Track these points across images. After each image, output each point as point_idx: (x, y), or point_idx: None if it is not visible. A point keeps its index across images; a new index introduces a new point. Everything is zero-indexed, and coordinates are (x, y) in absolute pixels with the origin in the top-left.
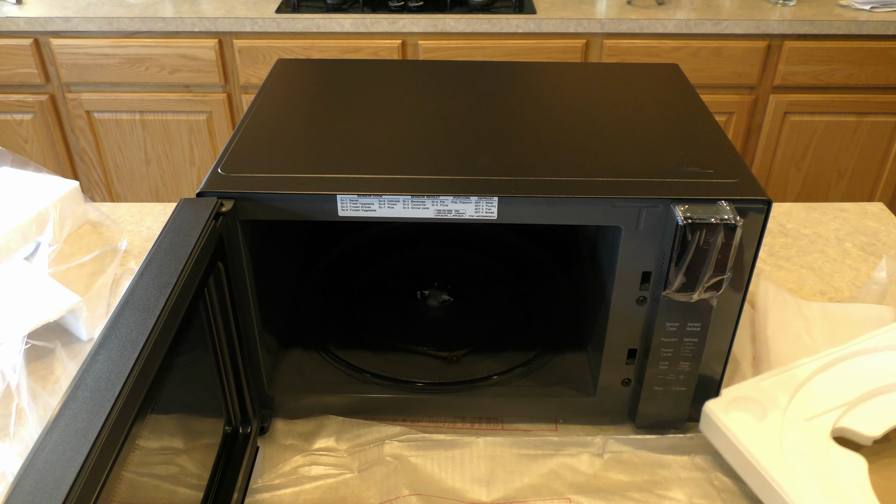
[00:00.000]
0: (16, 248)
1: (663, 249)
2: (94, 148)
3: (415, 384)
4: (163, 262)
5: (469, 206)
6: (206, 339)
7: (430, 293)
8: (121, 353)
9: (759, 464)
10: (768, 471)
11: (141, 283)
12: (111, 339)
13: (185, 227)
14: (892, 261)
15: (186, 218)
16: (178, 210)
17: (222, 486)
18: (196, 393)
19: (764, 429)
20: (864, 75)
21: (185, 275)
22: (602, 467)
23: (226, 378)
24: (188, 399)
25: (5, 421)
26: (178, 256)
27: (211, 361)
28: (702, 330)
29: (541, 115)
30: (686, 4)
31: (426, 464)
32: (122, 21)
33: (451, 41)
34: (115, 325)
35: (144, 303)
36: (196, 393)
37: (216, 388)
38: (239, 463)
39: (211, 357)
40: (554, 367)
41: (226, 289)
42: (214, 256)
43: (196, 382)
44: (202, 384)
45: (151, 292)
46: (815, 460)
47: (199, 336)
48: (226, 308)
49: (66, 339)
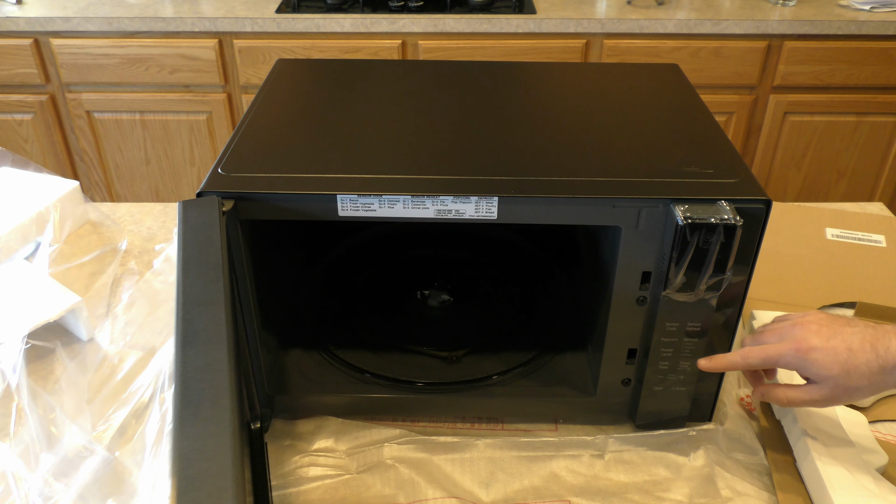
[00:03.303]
0: (16, 248)
1: (663, 249)
2: (94, 148)
3: (415, 384)
4: (200, 261)
5: (469, 205)
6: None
7: (431, 293)
8: (209, 346)
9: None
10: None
11: (189, 282)
12: (191, 335)
13: (201, 225)
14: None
15: (196, 217)
16: (185, 211)
17: (256, 484)
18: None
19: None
20: (864, 75)
21: (226, 268)
22: (602, 468)
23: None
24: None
25: (5, 421)
26: (212, 252)
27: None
28: (702, 330)
29: (541, 115)
30: (686, 4)
31: (425, 466)
32: (122, 21)
33: (451, 41)
34: (185, 322)
35: (204, 298)
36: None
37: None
38: (262, 460)
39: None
40: (554, 366)
41: (234, 287)
42: (229, 254)
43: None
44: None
45: (207, 288)
46: (826, 415)
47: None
48: (235, 306)
49: (67, 339)
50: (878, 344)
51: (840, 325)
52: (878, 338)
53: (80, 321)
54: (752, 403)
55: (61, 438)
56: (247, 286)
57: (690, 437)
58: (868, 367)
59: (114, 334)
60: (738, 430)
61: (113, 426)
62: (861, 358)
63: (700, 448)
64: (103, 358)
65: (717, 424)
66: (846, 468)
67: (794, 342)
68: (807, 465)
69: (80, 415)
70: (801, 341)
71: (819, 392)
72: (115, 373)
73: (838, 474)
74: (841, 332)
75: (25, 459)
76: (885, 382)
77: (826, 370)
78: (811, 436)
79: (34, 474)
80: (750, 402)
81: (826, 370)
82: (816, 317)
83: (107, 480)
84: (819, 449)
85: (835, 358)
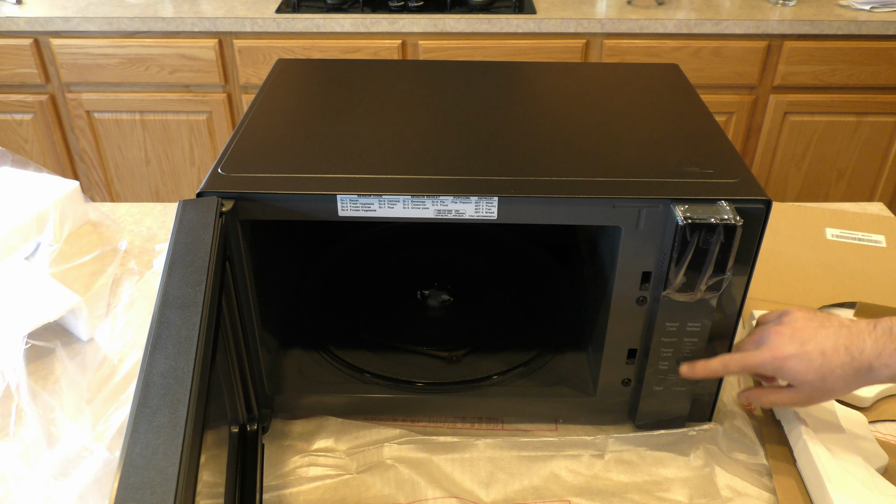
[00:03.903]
0: (16, 247)
1: (663, 249)
2: (94, 148)
3: (415, 384)
4: (186, 262)
5: (469, 206)
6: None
7: (431, 293)
8: (178, 350)
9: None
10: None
11: (171, 284)
12: (162, 338)
13: (194, 226)
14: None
15: (192, 218)
16: (182, 211)
17: (244, 488)
18: (215, 393)
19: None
20: (864, 75)
21: (211, 272)
22: (602, 468)
23: (234, 376)
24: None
25: (5, 420)
26: (200, 255)
27: (223, 360)
28: (701, 330)
29: (541, 115)
30: (686, 4)
31: (425, 466)
32: (122, 21)
33: (451, 41)
34: (160, 324)
35: (183, 301)
36: (215, 393)
37: (223, 389)
38: (254, 462)
39: (223, 356)
40: (554, 366)
41: (231, 288)
42: (223, 256)
43: (215, 383)
44: (216, 384)
45: (186, 291)
46: (826, 416)
47: (221, 334)
48: (232, 307)
49: (67, 339)
50: (853, 346)
51: (815, 328)
52: (852, 340)
53: (80, 321)
54: (752, 403)
55: (61, 438)
56: (246, 286)
57: (690, 437)
58: (843, 369)
59: (114, 334)
60: (738, 430)
61: (113, 426)
62: (835, 362)
63: (700, 448)
64: (103, 358)
65: (717, 424)
66: (846, 468)
67: (770, 350)
68: (807, 466)
69: (80, 415)
70: (776, 349)
71: (798, 395)
72: (114, 373)
73: (838, 474)
74: (815, 336)
75: (25, 459)
76: (860, 382)
77: (802, 376)
78: (811, 436)
79: (34, 474)
80: (750, 402)
81: (802, 376)
82: (792, 318)
83: (107, 480)
84: (819, 449)
85: (809, 364)
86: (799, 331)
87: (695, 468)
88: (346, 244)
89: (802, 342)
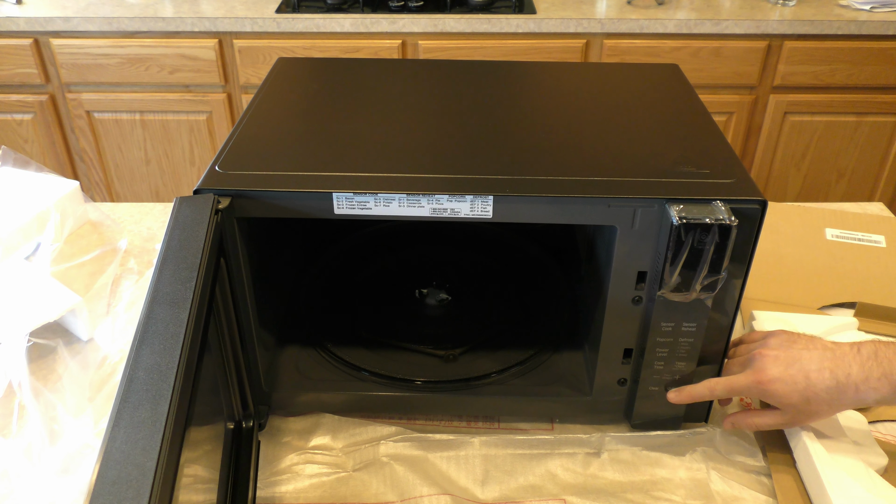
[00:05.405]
0: (17, 247)
1: (658, 249)
2: (94, 148)
3: (412, 382)
4: (178, 258)
5: (464, 204)
6: (215, 333)
7: (428, 292)
8: (164, 347)
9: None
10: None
11: (162, 280)
12: (150, 334)
13: (189, 223)
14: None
15: (188, 215)
16: (178, 208)
17: (237, 484)
18: (206, 390)
19: None
20: (864, 75)
21: (203, 269)
22: (598, 467)
23: (229, 373)
24: (203, 397)
25: (8, 418)
26: (192, 251)
27: (218, 357)
28: (697, 330)
29: (539, 114)
30: (686, 4)
31: (420, 464)
32: (122, 21)
33: (451, 41)
34: (148, 320)
35: (172, 297)
36: (206, 390)
37: (218, 385)
38: (248, 459)
39: (217, 352)
40: (550, 366)
41: (227, 284)
42: (218, 252)
43: (206, 379)
44: (209, 381)
45: (176, 287)
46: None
47: (214, 330)
48: (227, 303)
49: (68, 338)
50: (838, 370)
51: (798, 350)
52: (836, 363)
53: (81, 321)
54: (753, 404)
55: (63, 435)
56: (244, 284)
57: (687, 438)
58: (827, 393)
59: (114, 333)
60: (737, 432)
61: None
62: (820, 385)
63: (696, 449)
64: (104, 356)
65: (714, 426)
66: (846, 469)
67: (755, 374)
68: (806, 466)
69: (81, 412)
70: (760, 373)
71: (782, 418)
72: (116, 371)
73: (838, 475)
74: (799, 359)
75: (28, 456)
76: (845, 405)
77: (786, 399)
78: (810, 437)
79: (36, 471)
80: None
81: (786, 399)
82: (777, 341)
83: None
84: (818, 450)
85: (794, 387)
86: (783, 351)
87: (691, 469)
88: (345, 242)
89: (787, 365)
